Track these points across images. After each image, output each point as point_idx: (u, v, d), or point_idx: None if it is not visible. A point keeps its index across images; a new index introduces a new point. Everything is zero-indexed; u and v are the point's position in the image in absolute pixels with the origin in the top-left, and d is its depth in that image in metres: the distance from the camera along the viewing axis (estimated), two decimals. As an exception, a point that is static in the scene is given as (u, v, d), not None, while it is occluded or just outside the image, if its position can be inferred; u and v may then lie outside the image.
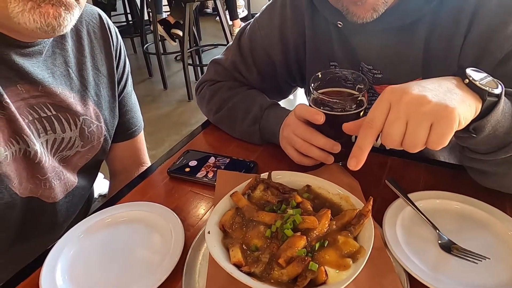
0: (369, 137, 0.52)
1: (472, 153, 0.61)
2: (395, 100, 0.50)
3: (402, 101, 0.49)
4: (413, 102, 0.48)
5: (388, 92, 0.51)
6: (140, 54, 4.30)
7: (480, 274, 0.50)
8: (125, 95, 0.90)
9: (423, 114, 0.48)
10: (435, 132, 0.48)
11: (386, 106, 0.50)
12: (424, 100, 0.48)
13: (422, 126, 0.48)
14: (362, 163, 0.53)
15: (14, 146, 0.66)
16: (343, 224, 0.50)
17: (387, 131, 0.50)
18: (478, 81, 0.52)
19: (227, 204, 0.54)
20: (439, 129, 0.48)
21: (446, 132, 0.48)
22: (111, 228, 0.61)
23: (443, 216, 0.60)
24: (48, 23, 0.57)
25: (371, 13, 0.63)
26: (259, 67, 0.88)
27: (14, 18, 0.56)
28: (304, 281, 0.43)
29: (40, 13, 0.56)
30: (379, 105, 0.51)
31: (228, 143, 0.85)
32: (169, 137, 2.69)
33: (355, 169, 0.53)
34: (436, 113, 0.48)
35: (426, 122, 0.48)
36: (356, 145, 0.53)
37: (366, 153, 0.53)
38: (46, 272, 0.53)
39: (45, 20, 0.56)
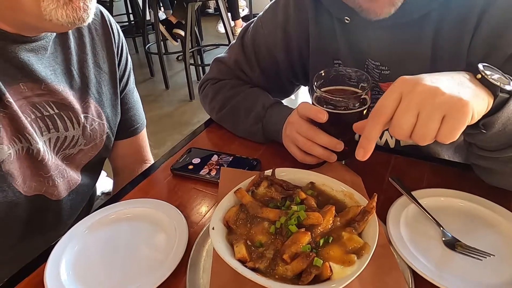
0: (377, 127, 0.51)
1: (480, 150, 0.60)
2: (407, 90, 0.49)
3: (414, 92, 0.48)
4: (426, 93, 0.47)
5: (400, 82, 0.50)
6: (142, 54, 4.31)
7: (484, 271, 0.50)
8: (127, 93, 0.91)
9: (436, 105, 0.47)
10: (447, 124, 0.47)
11: (397, 96, 0.49)
12: (437, 92, 0.47)
13: (434, 118, 0.47)
14: (369, 153, 0.52)
15: (17, 145, 0.66)
16: (347, 220, 0.50)
17: (397, 121, 0.49)
18: (490, 77, 0.51)
19: (231, 201, 0.54)
20: (451, 122, 0.46)
21: (458, 125, 0.47)
22: (116, 224, 0.62)
23: (447, 213, 0.59)
24: (80, 17, 0.59)
25: (388, 8, 0.61)
26: (262, 65, 0.88)
27: (47, 15, 0.57)
28: (309, 277, 0.43)
29: (73, 8, 0.58)
30: (389, 94, 0.50)
31: (231, 141, 0.86)
32: (171, 136, 2.70)
33: (363, 159, 0.53)
34: (449, 105, 0.46)
35: (438, 113, 0.47)
36: (363, 135, 0.52)
37: (374, 143, 0.52)
38: (50, 267, 0.53)
39: (77, 14, 0.59)
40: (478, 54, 0.64)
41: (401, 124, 0.49)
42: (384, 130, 0.83)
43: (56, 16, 0.57)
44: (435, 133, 0.47)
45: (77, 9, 0.59)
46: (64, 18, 0.58)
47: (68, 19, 0.58)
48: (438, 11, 0.65)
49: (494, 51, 0.62)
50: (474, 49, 0.64)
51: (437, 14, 0.66)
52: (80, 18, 0.59)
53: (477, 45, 0.64)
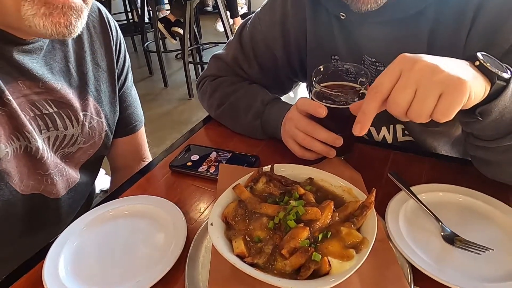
0: (374, 102, 0.51)
1: (477, 140, 0.60)
2: (406, 67, 0.49)
3: (413, 68, 0.48)
4: (425, 69, 0.48)
5: (400, 59, 0.50)
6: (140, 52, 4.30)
7: (483, 265, 0.50)
8: (126, 90, 0.90)
9: (434, 82, 0.47)
10: (443, 102, 0.47)
11: (396, 73, 0.49)
12: (436, 69, 0.47)
13: (431, 95, 0.47)
14: (366, 128, 0.53)
15: (15, 143, 0.66)
16: (346, 215, 0.50)
17: (394, 97, 0.49)
18: (488, 64, 0.51)
19: (229, 197, 0.54)
20: (448, 99, 0.47)
21: (455, 103, 0.47)
22: (114, 221, 0.61)
23: (446, 208, 0.59)
24: (59, 32, 0.57)
25: (375, 1, 0.62)
26: (260, 62, 0.88)
27: (26, 20, 0.55)
28: (308, 272, 0.43)
29: (52, 22, 0.56)
30: (388, 71, 0.50)
31: (229, 138, 0.85)
32: (170, 135, 2.69)
33: (359, 135, 0.53)
34: (447, 82, 0.47)
35: (436, 90, 0.47)
36: (361, 111, 0.53)
37: (371, 119, 0.52)
38: (49, 264, 0.53)
39: (56, 28, 0.57)
40: (475, 50, 0.63)
41: (398, 100, 0.49)
42: (381, 126, 0.84)
43: (35, 24, 0.56)
44: (431, 111, 0.48)
45: (57, 24, 0.57)
46: (41, 28, 0.56)
47: (46, 30, 0.56)
48: (434, 7, 0.65)
49: (491, 46, 0.62)
50: (470, 45, 0.64)
51: (434, 10, 0.65)
52: (60, 33, 0.57)
53: (474, 40, 0.63)
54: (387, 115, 0.81)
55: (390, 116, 0.81)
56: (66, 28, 0.58)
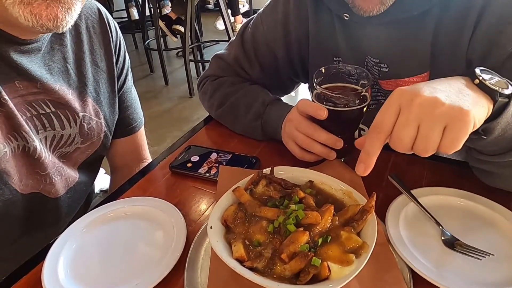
0: (377, 142, 0.50)
1: (480, 155, 0.60)
2: (405, 102, 0.48)
3: (413, 104, 0.47)
4: (426, 104, 0.46)
5: (397, 95, 0.49)
6: (141, 50, 4.29)
7: (484, 270, 0.50)
8: (125, 91, 0.90)
9: (436, 116, 0.46)
10: (449, 135, 0.46)
11: (395, 109, 0.48)
12: (437, 102, 0.46)
13: (435, 130, 0.46)
14: (370, 168, 0.51)
15: (13, 143, 0.66)
16: (346, 219, 0.50)
17: (397, 135, 0.48)
18: (488, 81, 0.50)
19: (229, 199, 0.54)
20: (453, 133, 0.46)
21: (460, 136, 0.46)
22: (114, 222, 0.61)
23: (447, 212, 0.59)
24: (42, 24, 0.54)
25: (378, 7, 0.62)
26: (262, 62, 0.87)
27: (8, 10, 0.53)
28: (307, 276, 0.43)
29: (31, 12, 0.53)
30: (387, 108, 0.49)
31: (230, 139, 0.85)
32: (171, 133, 2.69)
33: (363, 175, 0.52)
34: (450, 115, 0.46)
35: (439, 125, 0.46)
36: (364, 151, 0.51)
37: (375, 159, 0.51)
38: (48, 265, 0.53)
39: (37, 20, 0.53)
40: (478, 51, 0.63)
41: (402, 137, 0.48)
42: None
43: (16, 14, 0.53)
44: (437, 145, 0.47)
45: (37, 15, 0.53)
46: (23, 19, 0.53)
47: (28, 22, 0.53)
48: (438, 8, 0.65)
49: (495, 48, 0.61)
50: (474, 46, 0.63)
51: (438, 11, 0.65)
52: (43, 25, 0.54)
53: (477, 41, 0.63)
54: None
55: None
56: (50, 21, 0.54)
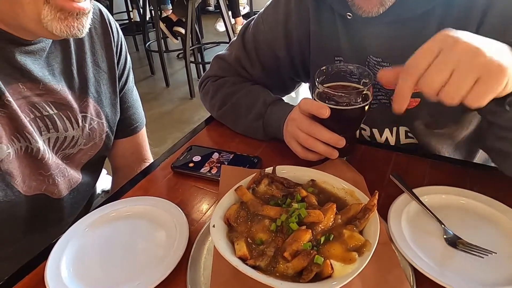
0: (409, 82, 0.49)
1: (501, 131, 0.60)
2: (447, 46, 0.47)
3: (455, 49, 0.46)
4: (467, 51, 0.46)
5: (441, 36, 0.48)
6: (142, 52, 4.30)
7: (486, 268, 0.50)
8: (126, 91, 0.90)
9: (474, 66, 0.45)
10: (479, 87, 0.46)
11: (435, 52, 0.48)
12: (479, 52, 0.46)
13: (468, 78, 0.46)
14: (404, 107, 0.51)
15: (16, 144, 0.66)
16: (348, 218, 0.50)
17: (430, 76, 0.47)
18: None
19: (231, 198, 0.54)
20: (485, 85, 0.46)
21: (491, 90, 0.46)
22: (116, 222, 0.61)
23: (449, 211, 0.59)
24: (73, 34, 0.63)
25: (377, 8, 0.63)
26: (263, 62, 0.87)
27: (44, 24, 0.59)
28: (310, 275, 0.43)
29: (67, 25, 0.61)
30: (426, 48, 0.48)
31: (231, 139, 0.85)
32: (172, 134, 2.69)
33: (400, 112, 0.52)
34: (487, 68, 0.45)
35: (474, 75, 0.45)
36: (397, 92, 0.51)
37: (408, 98, 0.50)
38: (51, 265, 0.53)
39: (70, 31, 0.62)
40: None
41: (434, 79, 0.47)
42: (384, 127, 0.84)
43: (52, 28, 0.60)
44: (465, 94, 0.46)
45: (71, 27, 0.62)
46: (58, 31, 0.61)
47: (61, 33, 0.61)
48: (441, 7, 0.65)
49: None
50: None
51: (441, 10, 0.65)
52: (73, 34, 0.63)
53: None
54: (391, 117, 0.81)
55: (393, 117, 0.81)
56: (79, 30, 0.63)
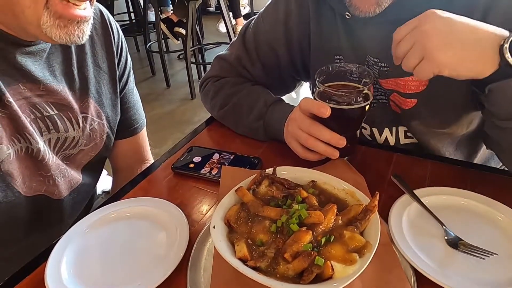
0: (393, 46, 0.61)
1: (493, 118, 0.63)
2: (420, 24, 0.56)
3: (422, 27, 0.56)
4: (424, 33, 0.55)
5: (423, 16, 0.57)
6: (143, 52, 4.30)
7: (487, 270, 0.50)
8: (127, 92, 0.90)
9: (421, 46, 0.55)
10: (421, 65, 0.57)
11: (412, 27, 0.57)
12: (430, 38, 0.55)
13: (415, 56, 0.56)
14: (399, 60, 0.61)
15: (16, 145, 0.66)
16: (349, 219, 0.50)
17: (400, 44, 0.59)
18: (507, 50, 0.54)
19: (232, 199, 0.54)
20: (423, 65, 0.56)
21: (426, 71, 0.56)
22: (116, 223, 0.61)
23: (450, 212, 0.59)
24: (73, 41, 0.62)
25: (374, 8, 0.63)
26: (264, 61, 0.87)
27: (44, 30, 0.59)
28: (310, 276, 0.43)
29: (67, 33, 0.61)
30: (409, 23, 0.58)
31: (232, 140, 0.85)
32: (172, 135, 2.70)
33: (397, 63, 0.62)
34: (427, 53, 0.55)
35: (419, 54, 0.56)
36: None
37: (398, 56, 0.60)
38: (51, 266, 0.53)
39: (70, 38, 0.62)
40: None
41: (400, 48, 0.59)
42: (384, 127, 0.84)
43: (51, 34, 0.60)
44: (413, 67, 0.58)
45: (71, 35, 0.61)
46: (57, 38, 0.60)
47: (61, 40, 0.61)
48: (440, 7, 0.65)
49: None
50: None
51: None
52: (73, 41, 0.62)
53: None
54: (390, 117, 0.81)
55: (392, 117, 0.81)
56: (79, 37, 0.63)
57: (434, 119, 0.76)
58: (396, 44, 0.59)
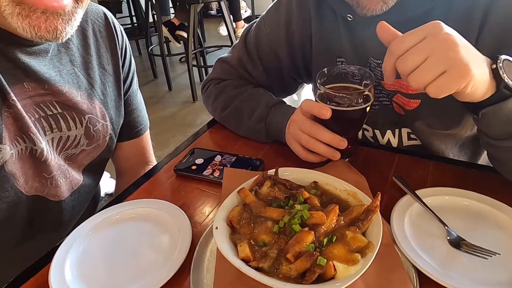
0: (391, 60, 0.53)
1: (486, 137, 0.62)
2: (431, 34, 0.50)
3: (435, 38, 0.50)
4: (445, 43, 0.49)
5: (429, 25, 0.51)
6: (145, 56, 4.32)
7: (490, 270, 0.50)
8: (131, 94, 0.91)
9: (445, 57, 0.49)
10: (442, 79, 0.49)
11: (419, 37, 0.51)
12: (455, 47, 0.49)
13: (436, 67, 0.49)
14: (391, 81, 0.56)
15: (20, 145, 0.66)
16: (351, 219, 0.50)
17: (406, 57, 0.51)
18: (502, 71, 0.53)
19: (234, 200, 0.54)
20: (447, 79, 0.49)
21: (451, 85, 0.49)
22: (120, 224, 0.62)
23: (452, 212, 0.59)
24: (41, 36, 0.54)
25: (380, 5, 0.63)
26: (265, 63, 0.88)
27: (7, 19, 0.53)
28: (313, 276, 0.43)
29: (30, 24, 0.53)
30: (412, 33, 0.51)
31: (234, 142, 0.86)
32: (174, 138, 2.70)
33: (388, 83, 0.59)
34: (455, 64, 0.49)
35: (442, 66, 0.49)
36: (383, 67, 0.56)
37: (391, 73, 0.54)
38: (55, 267, 0.53)
39: (35, 32, 0.54)
40: (486, 51, 0.63)
41: (408, 61, 0.51)
42: (386, 129, 0.84)
43: (15, 25, 0.53)
44: (429, 82, 0.50)
45: (36, 27, 0.53)
46: (21, 30, 0.53)
47: (26, 34, 0.53)
48: (442, 7, 0.65)
49: (504, 47, 0.61)
50: (481, 46, 0.63)
51: (441, 10, 0.65)
52: (42, 37, 0.54)
53: (485, 41, 0.63)
54: (393, 119, 0.81)
55: (395, 119, 0.81)
56: (49, 33, 0.55)
57: (438, 119, 0.76)
58: (396, 58, 0.52)
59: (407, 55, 0.51)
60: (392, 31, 0.55)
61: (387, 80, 0.56)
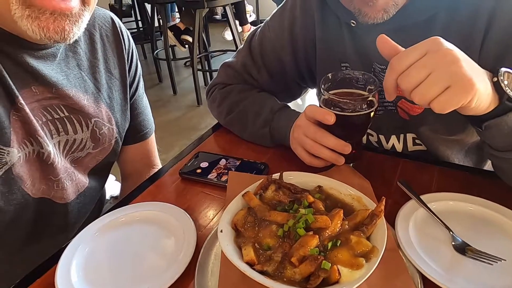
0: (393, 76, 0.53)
1: (490, 148, 0.62)
2: (432, 50, 0.50)
3: (437, 53, 0.50)
4: (447, 58, 0.49)
5: (431, 40, 0.51)
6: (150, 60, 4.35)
7: (495, 275, 0.49)
8: (137, 98, 0.92)
9: (448, 73, 0.49)
10: (446, 94, 0.49)
11: (420, 53, 0.51)
12: (458, 62, 0.49)
13: (440, 83, 0.49)
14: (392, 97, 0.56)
15: (27, 148, 0.67)
16: (355, 224, 0.50)
17: (408, 73, 0.51)
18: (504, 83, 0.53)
19: (239, 204, 0.55)
20: (451, 94, 0.49)
21: (456, 100, 0.49)
22: (125, 227, 0.62)
23: (457, 217, 0.59)
24: (49, 37, 0.56)
25: (381, 14, 0.63)
26: (269, 68, 0.88)
27: (17, 22, 0.54)
28: (317, 280, 0.43)
29: (39, 26, 0.54)
30: (413, 49, 0.52)
31: (238, 145, 0.86)
32: (179, 141, 2.71)
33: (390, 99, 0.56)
34: (459, 78, 0.49)
35: (446, 81, 0.49)
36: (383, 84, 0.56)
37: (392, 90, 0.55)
38: (61, 269, 0.54)
39: (44, 33, 0.55)
40: (491, 55, 0.63)
41: (410, 77, 0.51)
42: (391, 135, 0.84)
43: (26, 28, 0.54)
44: (433, 98, 0.50)
45: (45, 29, 0.55)
46: (30, 32, 0.54)
47: (35, 35, 0.54)
48: (445, 13, 0.65)
49: (509, 52, 0.62)
50: (487, 50, 0.64)
51: (445, 16, 0.65)
52: (50, 38, 0.55)
53: (490, 45, 0.63)
54: (397, 124, 0.81)
55: (400, 124, 0.81)
56: (57, 34, 0.56)
57: (443, 125, 0.76)
58: (398, 75, 0.52)
59: (410, 71, 0.51)
60: (392, 44, 0.55)
61: (389, 97, 0.56)
